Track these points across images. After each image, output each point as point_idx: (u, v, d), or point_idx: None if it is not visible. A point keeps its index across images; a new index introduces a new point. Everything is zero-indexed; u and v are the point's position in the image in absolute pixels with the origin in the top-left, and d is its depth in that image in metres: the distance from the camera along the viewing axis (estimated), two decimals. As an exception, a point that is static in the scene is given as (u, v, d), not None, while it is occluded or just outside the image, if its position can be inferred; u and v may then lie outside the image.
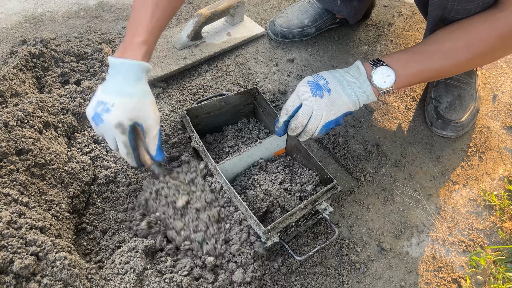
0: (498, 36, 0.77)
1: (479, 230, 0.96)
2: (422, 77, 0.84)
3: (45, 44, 1.14)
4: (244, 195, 0.87)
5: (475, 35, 0.79)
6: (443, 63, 0.81)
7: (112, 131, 0.76)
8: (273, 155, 0.99)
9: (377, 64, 0.80)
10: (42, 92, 1.06)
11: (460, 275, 0.88)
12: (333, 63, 1.33)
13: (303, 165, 0.95)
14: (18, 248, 0.63)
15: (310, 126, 0.81)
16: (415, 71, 0.81)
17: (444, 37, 0.81)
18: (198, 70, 1.25)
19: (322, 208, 0.85)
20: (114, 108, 0.74)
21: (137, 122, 0.78)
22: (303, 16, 1.37)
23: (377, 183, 1.03)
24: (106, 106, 0.74)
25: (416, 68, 0.81)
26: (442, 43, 0.80)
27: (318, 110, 0.79)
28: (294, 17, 1.37)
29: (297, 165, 0.96)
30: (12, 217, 0.67)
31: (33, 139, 0.83)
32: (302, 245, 0.89)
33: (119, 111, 0.74)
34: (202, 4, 1.50)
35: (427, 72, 0.82)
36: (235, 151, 0.97)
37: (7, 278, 0.60)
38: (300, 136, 0.84)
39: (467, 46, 0.79)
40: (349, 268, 0.86)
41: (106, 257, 0.78)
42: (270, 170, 0.93)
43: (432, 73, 0.83)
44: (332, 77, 0.81)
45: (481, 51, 0.79)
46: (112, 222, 0.84)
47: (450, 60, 0.81)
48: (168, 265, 0.75)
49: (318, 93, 0.78)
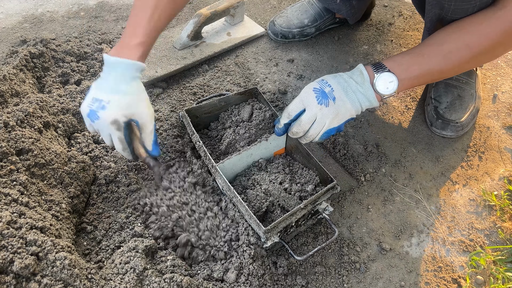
0: (498, 33, 0.77)
1: (479, 230, 0.96)
2: (424, 79, 0.84)
3: (45, 44, 1.15)
4: (244, 195, 0.87)
5: (475, 34, 0.79)
6: (445, 64, 0.81)
7: (107, 128, 0.77)
8: (272, 155, 0.99)
9: (380, 69, 0.80)
10: (42, 92, 1.06)
11: (460, 275, 0.88)
12: (333, 63, 1.33)
13: (303, 165, 0.95)
14: (18, 248, 0.63)
15: (311, 132, 0.81)
16: (417, 74, 0.81)
17: (444, 37, 0.81)
18: (198, 70, 1.25)
19: (322, 208, 0.85)
20: (110, 106, 0.76)
21: (132, 119, 0.79)
22: (303, 16, 1.37)
23: (377, 183, 1.03)
24: (102, 104, 0.76)
25: (418, 71, 0.81)
26: (442, 44, 0.80)
27: (322, 118, 0.79)
28: (294, 17, 1.37)
29: (297, 165, 0.96)
30: (12, 217, 0.67)
31: (33, 139, 0.83)
32: (302, 245, 0.89)
33: (114, 108, 0.76)
34: (202, 4, 1.50)
35: (429, 74, 0.82)
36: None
37: (7, 278, 0.60)
38: (300, 139, 0.84)
39: (468, 45, 0.79)
40: (349, 268, 0.86)
41: (106, 257, 0.78)
42: (270, 170, 0.93)
43: (434, 75, 0.83)
44: (337, 83, 0.80)
45: (482, 50, 0.79)
46: (112, 222, 0.84)
47: (451, 61, 0.81)
48: (168, 265, 0.75)
49: (324, 101, 0.78)
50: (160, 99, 1.15)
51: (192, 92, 1.18)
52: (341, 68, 1.31)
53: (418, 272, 0.88)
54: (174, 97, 1.16)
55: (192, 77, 1.23)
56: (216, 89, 1.20)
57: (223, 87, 1.21)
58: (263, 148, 0.94)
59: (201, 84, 1.21)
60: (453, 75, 1.02)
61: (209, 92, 1.19)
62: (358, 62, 1.32)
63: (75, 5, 1.43)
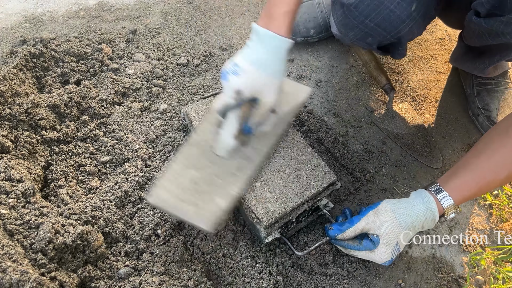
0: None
1: (479, 230, 0.96)
2: (475, 196, 0.83)
3: (45, 44, 1.15)
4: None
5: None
6: (499, 178, 0.77)
7: (229, 93, 0.76)
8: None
9: (448, 208, 0.77)
10: (42, 92, 1.06)
11: (460, 275, 0.88)
12: (333, 63, 1.33)
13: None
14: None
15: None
16: (471, 194, 0.79)
17: (496, 146, 0.77)
18: (198, 69, 1.25)
19: (322, 205, 0.85)
20: (243, 75, 0.74)
21: (256, 97, 0.77)
22: (310, 24, 1.31)
23: (378, 183, 1.03)
24: (236, 69, 0.75)
25: (473, 191, 0.79)
26: (495, 155, 0.76)
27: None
28: (301, 22, 1.31)
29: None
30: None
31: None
32: (302, 241, 0.89)
33: (245, 79, 0.74)
34: (202, 4, 1.50)
35: (481, 192, 0.80)
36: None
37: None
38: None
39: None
40: (349, 266, 0.86)
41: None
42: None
43: (485, 190, 0.81)
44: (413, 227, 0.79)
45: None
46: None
47: (506, 174, 0.77)
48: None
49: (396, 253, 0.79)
50: (160, 99, 1.15)
51: (192, 92, 1.17)
52: (341, 68, 1.31)
53: (418, 271, 0.88)
54: (174, 97, 1.16)
55: (192, 77, 1.23)
56: (216, 89, 1.20)
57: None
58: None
59: (201, 84, 1.21)
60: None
61: (209, 92, 1.18)
62: (358, 62, 1.32)
63: (75, 5, 1.43)
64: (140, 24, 1.38)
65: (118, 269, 0.77)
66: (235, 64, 0.75)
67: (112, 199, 0.86)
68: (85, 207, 0.82)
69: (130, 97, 1.13)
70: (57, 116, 1.01)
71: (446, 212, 0.77)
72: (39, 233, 0.73)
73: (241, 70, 0.74)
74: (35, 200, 0.80)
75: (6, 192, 0.77)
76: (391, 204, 0.79)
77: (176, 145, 1.01)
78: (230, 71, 0.75)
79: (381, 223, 0.77)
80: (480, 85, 1.18)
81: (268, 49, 0.75)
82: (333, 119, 1.16)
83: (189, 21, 1.41)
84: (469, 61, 1.13)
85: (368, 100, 1.22)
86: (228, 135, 0.81)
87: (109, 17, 1.40)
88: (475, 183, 0.77)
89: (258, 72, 0.75)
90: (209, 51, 1.31)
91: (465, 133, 1.17)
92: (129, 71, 1.19)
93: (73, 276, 0.72)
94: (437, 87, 1.29)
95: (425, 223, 0.77)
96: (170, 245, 0.82)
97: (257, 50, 0.75)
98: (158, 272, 0.78)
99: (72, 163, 0.93)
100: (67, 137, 0.98)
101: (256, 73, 0.74)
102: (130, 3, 1.47)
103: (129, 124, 1.05)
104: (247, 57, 0.75)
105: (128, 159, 0.96)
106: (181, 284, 0.77)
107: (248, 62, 0.75)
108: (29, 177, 0.84)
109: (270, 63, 0.75)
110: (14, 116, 0.93)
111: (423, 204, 0.77)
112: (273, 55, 0.75)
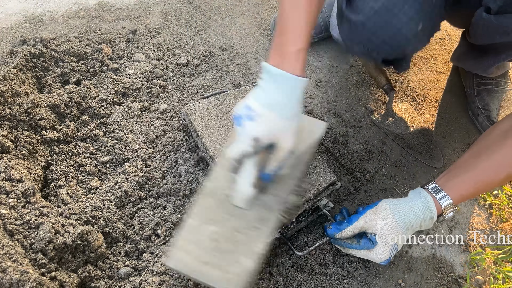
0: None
1: (479, 230, 0.96)
2: (474, 196, 0.83)
3: (45, 44, 1.14)
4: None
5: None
6: (498, 178, 0.78)
7: (246, 139, 0.69)
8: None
9: (446, 207, 0.78)
10: (42, 92, 1.06)
11: (460, 275, 0.88)
12: (333, 63, 1.33)
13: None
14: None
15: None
16: (469, 194, 0.80)
17: (497, 147, 0.77)
18: (198, 69, 1.25)
19: (322, 204, 0.85)
20: (259, 120, 0.68)
21: (273, 143, 0.71)
22: None
23: (378, 183, 1.03)
24: (251, 114, 0.68)
25: (471, 191, 0.79)
26: (494, 155, 0.77)
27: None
28: None
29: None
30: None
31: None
32: (302, 240, 0.89)
33: (262, 126, 0.68)
34: (202, 4, 1.50)
35: (480, 191, 0.81)
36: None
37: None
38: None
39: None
40: (349, 266, 0.86)
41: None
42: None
43: (483, 190, 0.82)
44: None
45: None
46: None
47: (505, 174, 0.77)
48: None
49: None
50: (160, 99, 1.15)
51: (192, 92, 1.18)
52: (341, 68, 1.31)
53: (418, 271, 0.88)
54: (174, 97, 1.16)
55: (192, 77, 1.23)
56: (216, 89, 1.20)
57: (223, 87, 1.21)
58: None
59: (201, 84, 1.21)
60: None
61: (209, 92, 1.18)
62: (358, 62, 1.32)
63: (75, 5, 1.43)
64: (140, 24, 1.38)
65: (118, 269, 0.77)
66: (249, 107, 0.68)
67: (112, 199, 0.86)
68: (85, 207, 0.82)
69: (130, 97, 1.13)
70: (57, 116, 1.01)
71: (445, 212, 0.77)
72: (39, 233, 0.73)
73: (257, 115, 0.68)
74: (35, 200, 0.80)
75: (6, 192, 0.77)
76: (390, 203, 0.79)
77: (176, 145, 1.01)
78: (244, 116, 0.68)
79: (380, 222, 0.77)
80: (480, 85, 1.18)
81: (283, 90, 0.69)
82: (333, 119, 1.16)
83: (189, 21, 1.41)
84: (472, 60, 1.13)
85: (368, 100, 1.22)
86: (246, 183, 0.73)
87: (109, 17, 1.40)
88: (473, 182, 0.77)
89: (275, 116, 0.68)
90: (209, 51, 1.31)
91: (465, 133, 1.17)
92: (129, 71, 1.20)
93: (73, 276, 0.72)
94: (437, 87, 1.29)
95: (424, 222, 0.78)
96: (170, 245, 0.82)
97: (271, 91, 0.69)
98: (158, 272, 0.78)
99: (72, 163, 0.93)
100: (67, 137, 0.98)
101: (272, 117, 0.68)
102: (130, 3, 1.47)
103: (129, 124, 1.05)
104: (261, 99, 0.69)
105: (128, 159, 0.96)
106: (181, 284, 0.77)
107: (262, 105, 0.68)
108: (29, 177, 0.84)
109: (286, 105, 0.69)
110: (14, 116, 0.93)
111: (421, 203, 0.77)
112: (289, 96, 0.69)
